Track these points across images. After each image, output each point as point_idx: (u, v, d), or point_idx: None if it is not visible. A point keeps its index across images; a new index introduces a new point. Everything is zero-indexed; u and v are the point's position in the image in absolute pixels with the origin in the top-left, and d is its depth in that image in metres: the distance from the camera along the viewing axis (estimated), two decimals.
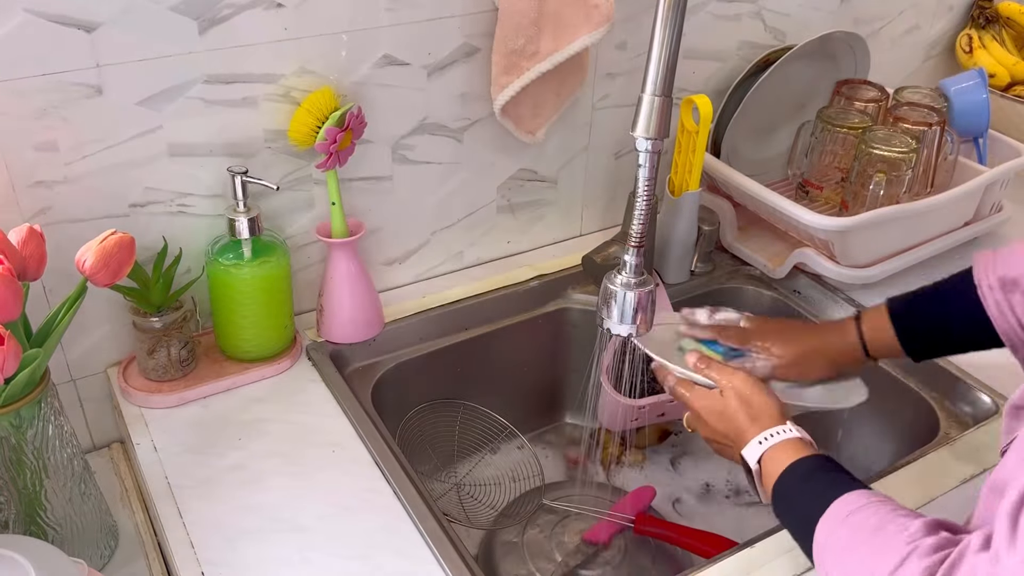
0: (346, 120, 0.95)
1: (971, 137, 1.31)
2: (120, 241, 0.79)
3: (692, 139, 1.11)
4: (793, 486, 0.73)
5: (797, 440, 0.77)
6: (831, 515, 0.66)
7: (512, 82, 1.04)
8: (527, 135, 1.12)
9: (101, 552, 0.88)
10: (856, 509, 0.65)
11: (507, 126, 1.10)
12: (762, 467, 0.77)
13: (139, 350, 0.97)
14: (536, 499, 1.09)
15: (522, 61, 1.03)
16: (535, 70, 1.03)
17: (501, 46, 1.03)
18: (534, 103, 1.10)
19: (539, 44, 1.03)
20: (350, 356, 1.06)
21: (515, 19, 1.01)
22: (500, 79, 1.05)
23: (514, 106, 1.08)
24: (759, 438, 0.77)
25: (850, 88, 1.26)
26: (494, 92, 1.06)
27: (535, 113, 1.11)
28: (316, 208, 1.05)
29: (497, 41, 1.03)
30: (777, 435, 0.77)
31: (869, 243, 1.15)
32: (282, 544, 0.82)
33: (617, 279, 0.86)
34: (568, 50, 1.02)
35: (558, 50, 1.03)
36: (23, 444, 0.77)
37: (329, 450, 0.92)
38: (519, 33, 1.01)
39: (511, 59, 1.03)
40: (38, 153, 0.86)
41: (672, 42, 0.76)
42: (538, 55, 1.03)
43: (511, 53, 1.03)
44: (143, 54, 0.87)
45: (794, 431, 0.77)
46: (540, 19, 1.01)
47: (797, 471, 0.73)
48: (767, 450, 0.76)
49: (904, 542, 0.59)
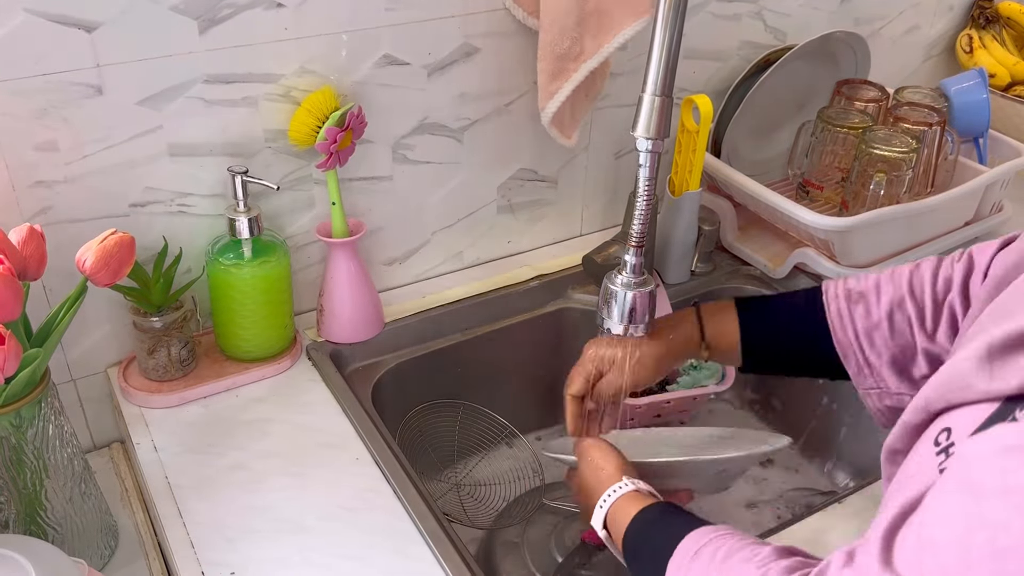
0: (346, 120, 0.95)
1: (971, 137, 1.31)
2: (120, 241, 0.79)
3: (692, 139, 1.11)
4: (639, 534, 0.72)
5: (634, 493, 0.74)
6: (679, 554, 0.65)
7: (563, 87, 1.03)
8: (566, 140, 1.11)
9: (101, 552, 0.88)
10: (703, 545, 0.64)
11: (553, 134, 1.09)
12: (609, 530, 0.75)
13: (139, 350, 0.97)
14: (536, 499, 1.09)
15: (569, 64, 1.02)
16: (584, 69, 1.02)
17: (547, 52, 1.01)
18: (571, 106, 1.09)
19: (583, 44, 1.02)
20: (350, 356, 1.06)
21: (559, 23, 1.00)
22: (549, 87, 1.04)
23: (558, 113, 1.07)
24: (599, 503, 0.75)
25: (850, 88, 1.26)
26: (543, 101, 1.05)
27: (572, 117, 1.10)
28: (316, 208, 1.05)
29: (543, 48, 1.02)
30: (613, 493, 0.75)
31: (869, 243, 1.15)
32: (282, 544, 0.82)
33: (617, 279, 0.86)
34: (615, 42, 1.01)
35: (603, 45, 1.01)
36: (23, 444, 0.77)
37: (329, 450, 0.92)
38: (564, 36, 1.00)
39: (559, 64, 1.02)
40: (38, 153, 0.86)
41: (672, 42, 0.76)
42: (583, 55, 1.02)
43: (559, 58, 1.02)
44: (143, 54, 0.87)
45: (629, 484, 0.75)
46: (583, 17, 1.00)
47: (640, 520, 0.72)
48: (608, 511, 0.74)
49: (755, 567, 0.58)
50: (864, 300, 0.80)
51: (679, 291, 1.21)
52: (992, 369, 0.51)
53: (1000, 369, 0.50)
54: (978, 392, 0.51)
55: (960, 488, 0.45)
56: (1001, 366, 0.50)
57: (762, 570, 0.58)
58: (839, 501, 0.89)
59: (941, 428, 0.54)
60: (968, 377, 0.52)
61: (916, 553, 0.46)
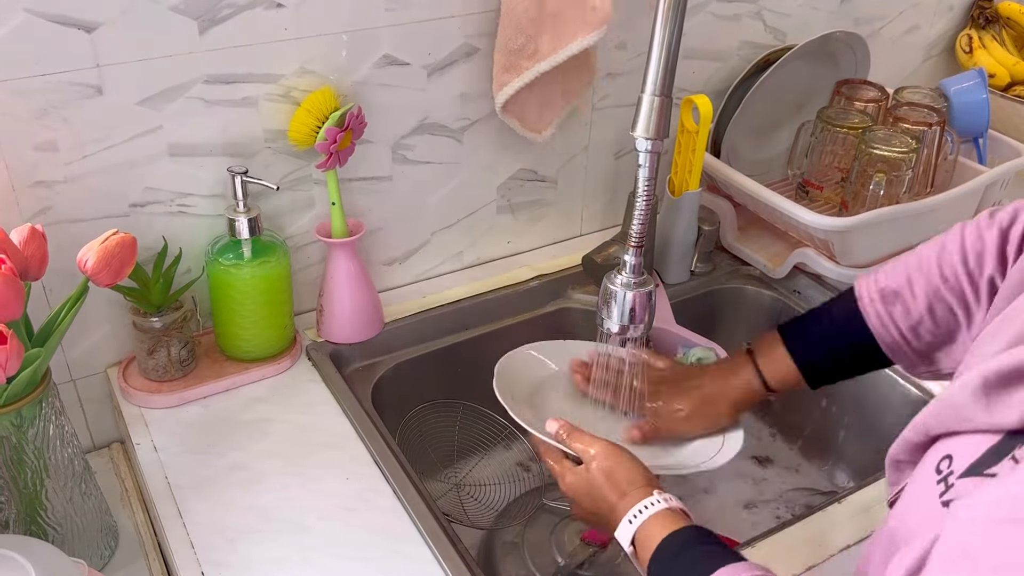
0: (346, 120, 0.95)
1: (971, 137, 1.31)
2: (122, 241, 0.80)
3: (692, 139, 1.11)
4: (667, 564, 0.69)
5: (667, 511, 0.72)
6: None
7: (512, 80, 1.04)
8: (533, 134, 1.12)
9: (101, 552, 0.88)
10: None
11: (511, 124, 1.10)
12: (636, 547, 0.72)
13: (139, 350, 0.97)
14: (536, 499, 1.09)
15: (522, 60, 1.03)
16: (534, 70, 1.03)
17: (502, 44, 1.03)
18: (540, 102, 1.09)
19: (539, 44, 1.03)
20: (350, 356, 1.06)
21: (516, 18, 1.01)
22: (500, 77, 1.05)
23: (518, 104, 1.08)
24: (629, 516, 0.73)
25: (850, 88, 1.26)
26: (495, 90, 1.06)
27: (541, 112, 1.11)
28: (316, 208, 1.05)
29: (499, 39, 1.03)
30: (647, 509, 0.72)
31: (869, 243, 1.15)
32: (282, 544, 0.82)
33: (617, 279, 0.86)
34: (566, 51, 1.02)
35: (557, 50, 1.03)
36: (24, 444, 0.77)
37: (329, 450, 0.92)
38: (519, 32, 1.01)
39: (511, 58, 1.03)
40: (38, 153, 0.86)
41: (672, 42, 0.76)
42: (538, 55, 1.03)
43: (511, 52, 1.03)
44: (143, 54, 0.87)
45: (663, 502, 0.73)
46: (540, 19, 1.01)
47: (670, 547, 0.69)
48: (638, 528, 0.72)
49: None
50: (900, 299, 0.78)
51: (679, 291, 1.21)
52: (989, 402, 0.50)
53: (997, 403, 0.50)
54: (977, 423, 0.51)
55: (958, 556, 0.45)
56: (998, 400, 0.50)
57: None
58: (839, 501, 0.90)
59: (942, 455, 0.54)
60: (965, 409, 0.52)
61: None
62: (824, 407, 1.17)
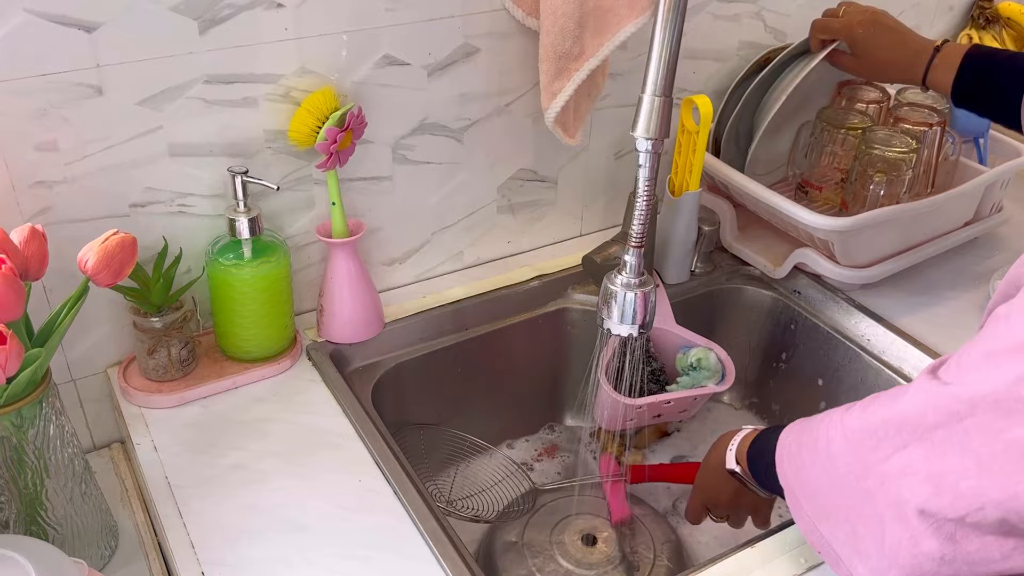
0: (346, 120, 0.95)
1: (971, 137, 1.31)
2: (122, 241, 0.80)
3: (692, 139, 1.11)
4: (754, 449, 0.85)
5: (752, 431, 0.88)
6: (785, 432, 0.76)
7: (565, 86, 1.03)
8: (570, 139, 1.12)
9: (101, 552, 0.88)
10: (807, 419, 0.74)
11: (556, 134, 1.09)
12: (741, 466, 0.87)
13: (139, 350, 0.97)
14: (531, 495, 1.09)
15: (570, 64, 1.03)
16: (586, 68, 1.02)
17: (549, 52, 1.02)
18: (575, 106, 1.09)
19: (583, 43, 1.02)
20: (350, 356, 1.06)
21: (559, 23, 1.00)
22: (551, 86, 1.04)
23: (562, 112, 1.07)
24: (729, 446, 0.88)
25: (851, 89, 1.26)
26: (545, 102, 1.05)
27: (575, 116, 1.10)
28: (316, 208, 1.05)
29: (544, 48, 1.02)
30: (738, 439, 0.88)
31: (869, 243, 1.15)
32: (282, 544, 0.82)
33: (617, 279, 0.86)
34: (615, 40, 1.01)
35: (603, 44, 1.02)
36: (24, 444, 0.78)
37: (329, 450, 0.92)
38: (565, 35, 1.00)
39: (560, 64, 1.02)
40: (38, 153, 0.86)
41: (672, 42, 0.76)
42: (584, 55, 1.02)
43: (560, 58, 1.02)
44: (143, 54, 0.87)
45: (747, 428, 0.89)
46: (582, 17, 1.00)
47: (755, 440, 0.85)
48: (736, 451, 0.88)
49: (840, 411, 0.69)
50: None
51: (679, 291, 1.21)
52: None
53: None
54: None
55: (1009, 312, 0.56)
56: None
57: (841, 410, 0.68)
58: None
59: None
60: None
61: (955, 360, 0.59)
62: (823, 407, 1.17)
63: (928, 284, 1.21)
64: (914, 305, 1.17)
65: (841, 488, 0.65)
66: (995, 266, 1.24)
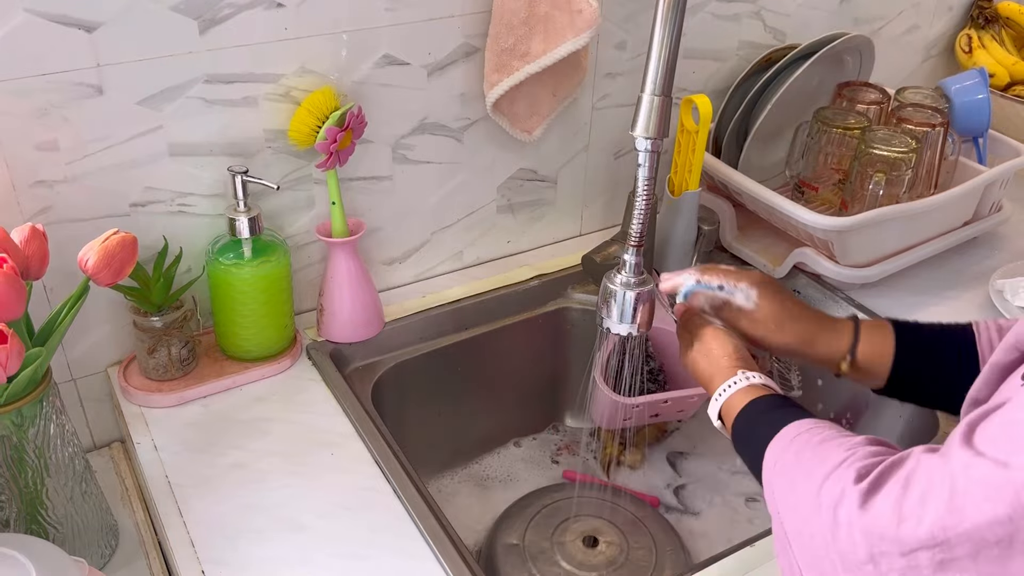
0: (346, 120, 0.95)
1: (971, 137, 1.31)
2: (122, 241, 0.80)
3: (692, 139, 1.11)
4: (747, 422, 0.76)
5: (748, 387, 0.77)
6: (779, 439, 0.69)
7: (502, 80, 1.04)
8: (523, 133, 1.12)
9: (102, 551, 0.88)
10: (803, 431, 0.68)
11: (501, 123, 1.10)
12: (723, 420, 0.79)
13: (139, 349, 0.97)
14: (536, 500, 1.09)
15: (513, 60, 1.04)
16: (524, 71, 1.03)
17: (493, 44, 1.03)
18: (530, 102, 1.10)
19: (530, 45, 1.03)
20: (350, 356, 1.06)
21: (506, 18, 1.01)
22: (491, 76, 1.05)
23: (508, 104, 1.08)
24: (715, 395, 0.79)
25: (851, 90, 1.26)
26: (486, 89, 1.06)
27: (531, 112, 1.11)
28: (316, 208, 1.05)
29: (489, 39, 1.03)
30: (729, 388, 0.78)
31: (869, 243, 1.15)
32: (282, 543, 0.82)
33: (617, 279, 0.86)
34: (555, 53, 1.03)
35: (547, 52, 1.03)
36: (25, 443, 0.78)
37: (329, 449, 0.92)
38: (510, 32, 1.01)
39: (502, 58, 1.03)
40: (39, 153, 0.87)
41: (672, 42, 0.76)
42: (529, 56, 1.03)
43: (502, 52, 1.03)
44: (143, 54, 0.87)
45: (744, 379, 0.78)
46: (531, 20, 1.01)
47: (749, 409, 0.76)
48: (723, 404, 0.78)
49: (844, 449, 0.62)
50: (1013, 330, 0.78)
51: None
52: None
53: None
54: None
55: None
56: None
57: (849, 452, 0.61)
58: None
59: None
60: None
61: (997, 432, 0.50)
62: (822, 409, 1.17)
63: (928, 284, 1.21)
64: (914, 305, 1.17)
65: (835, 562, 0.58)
66: (995, 266, 1.24)
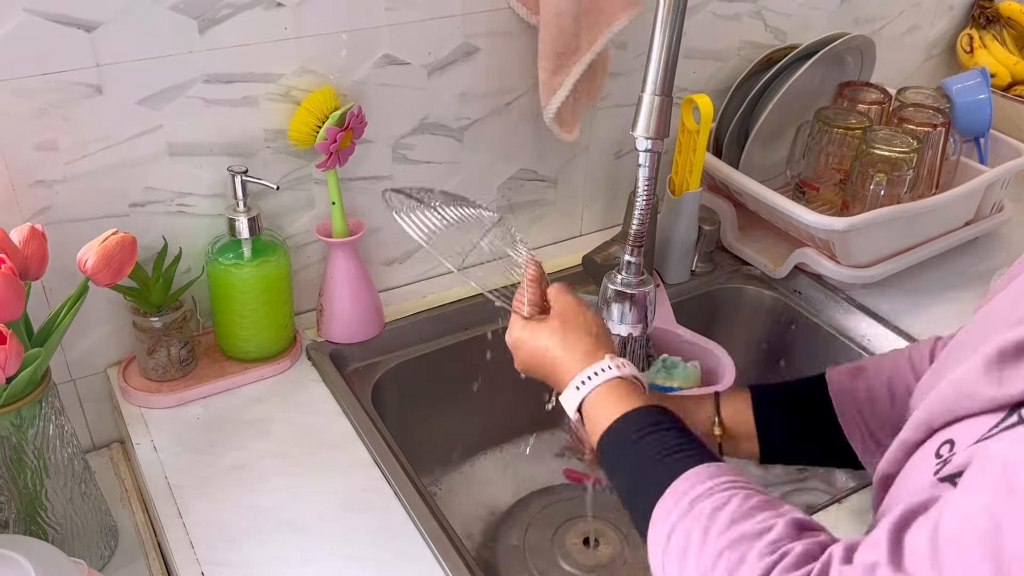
0: (346, 120, 0.95)
1: (972, 137, 1.31)
2: (122, 241, 0.79)
3: (692, 139, 1.11)
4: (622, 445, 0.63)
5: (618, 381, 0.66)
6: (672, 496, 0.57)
7: (564, 82, 1.05)
8: (568, 135, 1.12)
9: (101, 552, 0.88)
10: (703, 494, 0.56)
11: (554, 130, 1.10)
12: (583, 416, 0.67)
13: (139, 350, 0.97)
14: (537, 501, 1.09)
15: (567, 60, 1.04)
16: (581, 63, 1.04)
17: (548, 50, 1.03)
18: (573, 102, 1.10)
19: (580, 40, 1.03)
20: (350, 356, 1.06)
21: (559, 21, 1.01)
22: (550, 82, 1.05)
23: (560, 109, 1.08)
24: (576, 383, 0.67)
25: (852, 90, 1.26)
26: (545, 98, 1.06)
27: (574, 112, 1.11)
28: (316, 208, 1.05)
29: (544, 45, 1.03)
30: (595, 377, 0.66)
31: (870, 243, 1.15)
32: (282, 544, 0.82)
33: (617, 279, 0.86)
34: (607, 35, 1.03)
35: (597, 39, 1.03)
36: (24, 444, 0.77)
37: (329, 450, 0.92)
38: (563, 33, 1.02)
39: (559, 61, 1.04)
40: (38, 153, 0.86)
41: (672, 42, 0.76)
42: (580, 50, 1.04)
43: (559, 55, 1.03)
44: (143, 54, 0.87)
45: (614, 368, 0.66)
46: (579, 15, 1.01)
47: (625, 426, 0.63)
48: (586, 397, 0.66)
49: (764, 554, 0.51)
50: (863, 373, 0.80)
51: (679, 291, 1.21)
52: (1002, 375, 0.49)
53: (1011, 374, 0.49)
54: (984, 400, 0.50)
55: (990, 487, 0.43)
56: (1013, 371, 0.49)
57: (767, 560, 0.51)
58: (839, 501, 0.89)
59: (942, 441, 0.53)
60: (974, 385, 0.51)
61: (931, 553, 0.43)
62: None
63: (928, 284, 1.21)
64: (914, 305, 1.17)
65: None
66: (995, 266, 1.24)
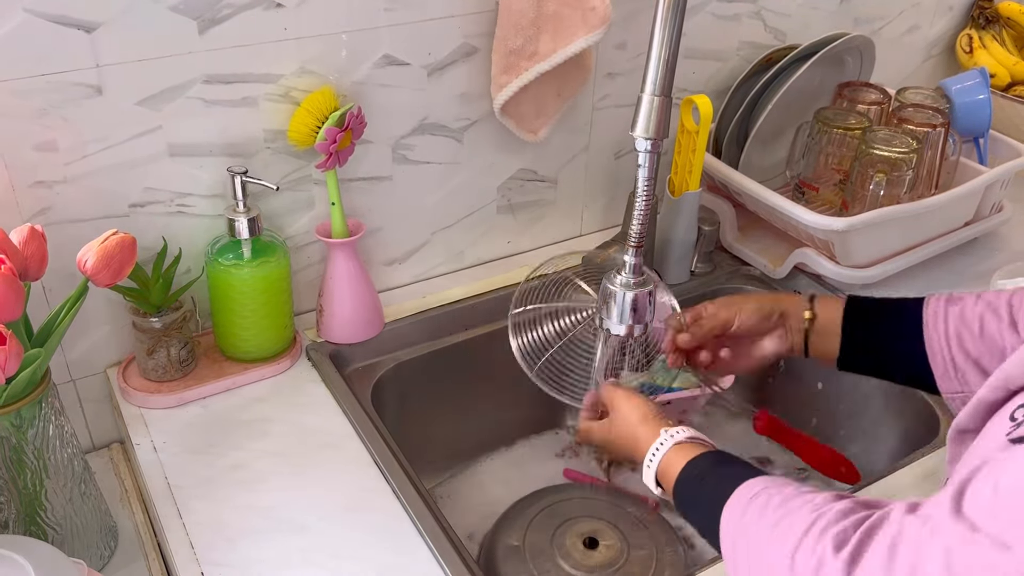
0: (346, 120, 0.95)
1: (972, 137, 1.31)
2: (121, 241, 0.79)
3: (692, 139, 1.11)
4: (691, 485, 0.71)
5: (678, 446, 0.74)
6: (734, 502, 0.64)
7: (511, 81, 1.04)
8: (529, 134, 1.12)
9: (101, 552, 0.88)
10: (760, 491, 0.63)
11: (508, 125, 1.10)
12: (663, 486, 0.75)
13: (139, 350, 0.97)
14: (536, 502, 1.09)
15: (521, 61, 1.03)
16: (534, 70, 1.03)
17: (500, 45, 1.03)
18: (536, 103, 1.10)
19: (538, 44, 1.03)
20: (350, 356, 1.06)
21: (514, 19, 1.01)
22: (499, 78, 1.05)
23: (515, 105, 1.08)
24: (646, 461, 0.75)
25: (852, 90, 1.26)
26: (493, 91, 1.06)
27: (537, 113, 1.11)
28: (316, 208, 1.05)
29: (496, 40, 1.03)
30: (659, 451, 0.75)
31: (869, 243, 1.15)
32: (282, 544, 0.82)
33: (617, 279, 0.86)
34: (566, 51, 1.02)
35: (556, 51, 1.03)
36: (24, 444, 0.77)
37: (329, 450, 0.92)
38: (518, 33, 1.01)
39: (510, 59, 1.03)
40: (38, 153, 0.86)
41: (672, 42, 0.76)
42: (537, 55, 1.03)
43: (510, 53, 1.03)
44: (143, 54, 0.87)
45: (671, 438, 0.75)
46: (539, 19, 1.01)
47: (691, 471, 0.72)
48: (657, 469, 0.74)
49: (809, 511, 0.57)
50: (961, 302, 0.82)
51: (679, 291, 1.20)
52: None
53: None
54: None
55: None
56: None
57: (815, 513, 0.56)
58: None
59: (1019, 404, 0.54)
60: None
61: (991, 502, 0.46)
62: (825, 408, 1.17)
63: (928, 284, 1.21)
64: None
65: None
66: (995, 266, 1.24)
